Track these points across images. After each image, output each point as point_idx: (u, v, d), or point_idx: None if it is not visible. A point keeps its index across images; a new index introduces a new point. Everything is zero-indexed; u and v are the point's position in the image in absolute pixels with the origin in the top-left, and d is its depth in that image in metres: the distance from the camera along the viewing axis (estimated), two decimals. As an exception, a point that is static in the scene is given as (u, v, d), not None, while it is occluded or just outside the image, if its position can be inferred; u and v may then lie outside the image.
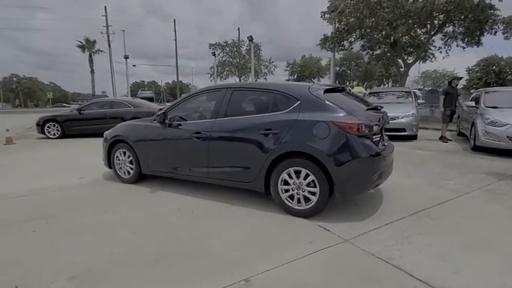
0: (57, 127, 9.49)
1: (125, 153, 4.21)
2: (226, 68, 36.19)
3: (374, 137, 2.93)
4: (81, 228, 2.82)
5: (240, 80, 36.49)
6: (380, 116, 3.19)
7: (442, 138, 7.81)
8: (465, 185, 4.01)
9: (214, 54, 31.47)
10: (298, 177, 2.92)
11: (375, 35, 15.00)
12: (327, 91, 3.10)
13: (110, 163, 4.42)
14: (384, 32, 14.09)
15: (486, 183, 4.10)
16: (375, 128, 2.95)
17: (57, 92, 72.06)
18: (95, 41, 33.11)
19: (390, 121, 7.70)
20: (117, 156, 4.31)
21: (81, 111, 9.66)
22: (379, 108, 3.46)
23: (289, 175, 2.96)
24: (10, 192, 3.85)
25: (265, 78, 37.01)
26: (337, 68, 44.20)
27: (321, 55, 38.98)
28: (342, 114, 2.87)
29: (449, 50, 15.63)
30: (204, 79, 34.82)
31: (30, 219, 3.02)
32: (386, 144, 3.30)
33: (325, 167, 2.77)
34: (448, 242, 2.47)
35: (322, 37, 15.64)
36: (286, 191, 3.01)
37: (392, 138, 7.90)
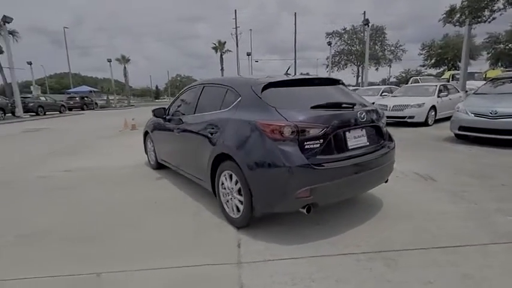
0: (165, 117, 11.78)
1: (151, 142, 4.89)
2: (344, 57, 33.95)
3: (309, 142, 2.25)
4: (80, 200, 3.57)
5: (358, 70, 33.53)
6: (338, 117, 2.42)
7: None
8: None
9: (329, 44, 30.14)
10: (231, 182, 2.66)
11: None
12: (270, 85, 2.60)
13: (145, 150, 5.25)
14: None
15: None
16: (314, 132, 2.27)
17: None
18: (225, 42, 38.04)
19: (504, 119, 5.49)
20: (147, 145, 5.07)
21: (181, 105, 11.57)
22: (344, 105, 2.59)
23: (226, 179, 2.73)
24: (78, 167, 5.22)
25: (390, 66, 32.42)
26: (501, 46, 33.33)
27: (474, 32, 30.01)
28: (268, 114, 2.37)
29: None
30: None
31: (63, 188, 4.05)
32: (352, 152, 2.47)
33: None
34: (361, 303, 1.70)
35: (448, 9, 12.23)
36: (225, 195, 2.79)
37: (507, 143, 5.57)
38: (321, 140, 2.29)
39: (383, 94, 13.22)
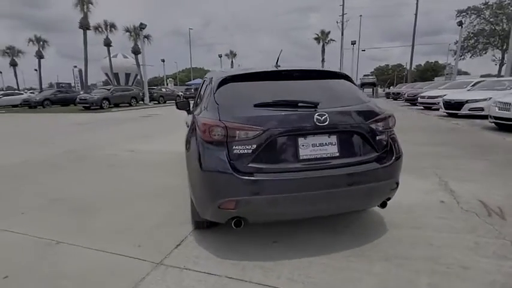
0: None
1: (190, 132, 5.23)
2: (484, 40, 26.70)
3: (239, 147, 1.89)
4: (116, 177, 4.23)
5: (502, 55, 25.76)
6: (286, 119, 1.94)
7: None
8: None
9: (460, 24, 24.25)
10: (193, 180, 2.57)
11: None
12: (230, 80, 2.30)
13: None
14: None
15: None
16: (247, 134, 1.89)
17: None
18: (329, 32, 36.10)
19: None
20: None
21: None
22: (301, 104, 2.00)
23: (192, 176, 2.66)
24: (141, 149, 6.12)
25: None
26: None
27: None
28: (210, 112, 2.14)
29: None
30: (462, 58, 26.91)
31: (115, 166, 4.86)
32: (306, 163, 1.96)
33: None
34: None
35: None
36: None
37: None
38: (254, 146, 1.91)
39: (518, 88, 9.84)
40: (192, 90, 32.24)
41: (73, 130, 9.67)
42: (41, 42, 35.77)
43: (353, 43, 30.69)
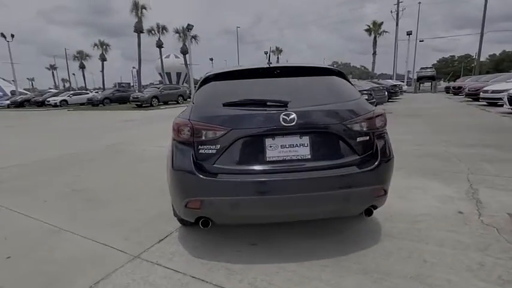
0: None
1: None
2: None
3: (204, 146, 1.87)
4: (137, 172, 4.53)
5: None
6: (251, 118, 1.86)
7: None
8: None
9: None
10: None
11: None
12: (213, 78, 2.27)
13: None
14: None
15: None
16: (212, 134, 1.87)
17: (364, 74, 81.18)
18: (382, 23, 33.48)
19: None
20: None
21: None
22: (270, 103, 1.87)
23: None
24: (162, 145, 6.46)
25: None
26: None
27: None
28: (185, 111, 2.18)
29: None
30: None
31: (141, 161, 5.21)
32: (273, 166, 1.87)
33: None
34: None
35: None
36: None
37: None
38: (219, 146, 1.87)
39: None
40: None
41: (121, 126, 10.65)
42: (104, 46, 40.09)
43: (409, 33, 28.00)
